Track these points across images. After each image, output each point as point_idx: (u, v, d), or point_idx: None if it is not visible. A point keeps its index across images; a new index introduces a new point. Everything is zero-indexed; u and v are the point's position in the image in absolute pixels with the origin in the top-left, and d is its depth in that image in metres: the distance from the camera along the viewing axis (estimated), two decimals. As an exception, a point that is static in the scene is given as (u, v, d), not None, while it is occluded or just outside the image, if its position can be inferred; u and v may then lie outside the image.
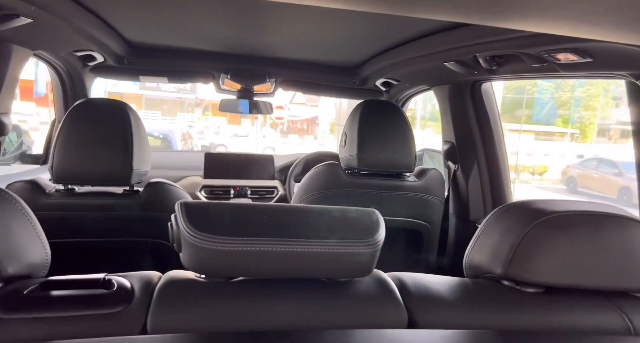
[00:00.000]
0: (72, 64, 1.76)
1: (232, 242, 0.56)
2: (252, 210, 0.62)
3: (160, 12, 1.33)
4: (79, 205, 1.21)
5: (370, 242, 0.61)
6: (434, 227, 1.62)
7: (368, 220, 0.64)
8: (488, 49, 1.13)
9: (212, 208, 0.61)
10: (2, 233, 0.56)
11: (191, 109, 22.44)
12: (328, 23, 1.35)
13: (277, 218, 0.61)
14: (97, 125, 1.18)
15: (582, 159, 13.19)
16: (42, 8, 1.05)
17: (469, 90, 1.58)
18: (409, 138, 1.51)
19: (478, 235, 0.74)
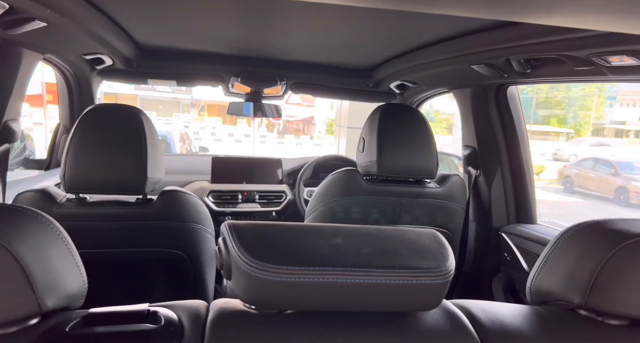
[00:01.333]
0: (80, 68, 1.71)
1: (295, 273, 0.50)
2: (307, 233, 0.56)
3: (170, 14, 1.28)
4: (92, 214, 1.16)
5: (442, 272, 0.55)
6: (454, 234, 1.57)
7: (434, 244, 0.58)
8: (525, 52, 1.08)
9: (265, 232, 0.55)
10: (41, 263, 0.49)
11: (187, 109, 22.32)
12: (343, 25, 1.31)
13: (337, 243, 0.55)
14: (111, 132, 1.13)
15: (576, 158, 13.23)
16: (57, 11, 1.01)
17: (494, 93, 1.53)
18: (430, 143, 1.47)
19: (546, 257, 0.67)
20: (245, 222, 0.57)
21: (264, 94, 2.13)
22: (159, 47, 1.75)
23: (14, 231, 0.49)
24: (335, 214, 1.50)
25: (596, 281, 0.59)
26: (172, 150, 5.96)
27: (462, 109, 1.68)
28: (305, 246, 0.54)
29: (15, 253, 0.46)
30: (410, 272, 0.53)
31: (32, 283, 0.47)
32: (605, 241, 0.60)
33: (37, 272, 0.48)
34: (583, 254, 0.62)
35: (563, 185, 11.84)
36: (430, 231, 0.62)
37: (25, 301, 0.48)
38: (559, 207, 10.05)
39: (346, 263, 0.52)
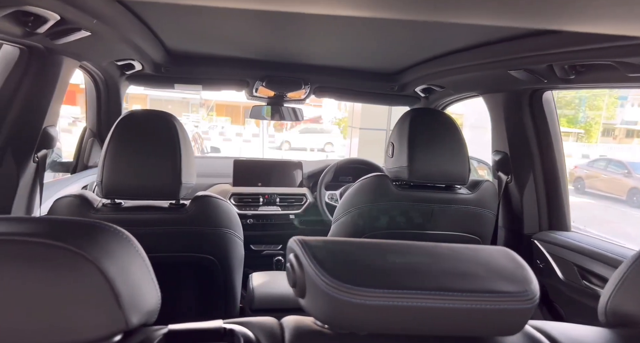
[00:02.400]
0: (111, 73, 1.72)
1: (377, 296, 0.48)
2: (381, 252, 0.55)
3: (199, 19, 1.29)
4: (127, 220, 1.17)
5: (529, 296, 0.52)
6: (485, 241, 1.55)
7: (512, 264, 0.56)
8: (572, 58, 1.05)
9: (338, 250, 0.54)
10: (126, 280, 0.49)
11: (195, 109, 22.41)
12: (369, 30, 1.30)
13: (414, 264, 0.53)
14: (146, 138, 1.14)
15: (587, 159, 13.10)
16: (102, 21, 1.02)
17: (528, 98, 1.51)
18: (462, 148, 1.44)
19: (624, 276, 0.64)
20: (315, 239, 0.55)
21: (286, 97, 2.13)
22: (187, 52, 1.76)
23: (103, 249, 0.48)
24: (364, 220, 1.48)
25: None
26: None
27: (493, 113, 1.66)
28: (381, 266, 0.52)
29: (105, 271, 0.46)
30: (494, 296, 0.50)
31: (120, 301, 0.47)
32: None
33: (123, 289, 0.48)
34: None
35: (574, 186, 11.74)
36: (503, 250, 0.59)
37: (114, 319, 0.47)
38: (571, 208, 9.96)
39: (427, 286, 0.50)
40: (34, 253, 0.45)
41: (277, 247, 2.43)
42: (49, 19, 0.91)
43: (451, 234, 1.50)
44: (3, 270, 0.44)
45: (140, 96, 20.95)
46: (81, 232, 0.50)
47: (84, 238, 0.48)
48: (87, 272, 0.45)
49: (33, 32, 0.94)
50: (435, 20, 0.53)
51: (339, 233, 1.56)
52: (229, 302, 1.36)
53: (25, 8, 0.85)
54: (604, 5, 0.40)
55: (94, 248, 0.47)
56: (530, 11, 0.45)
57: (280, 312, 1.41)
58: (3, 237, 0.44)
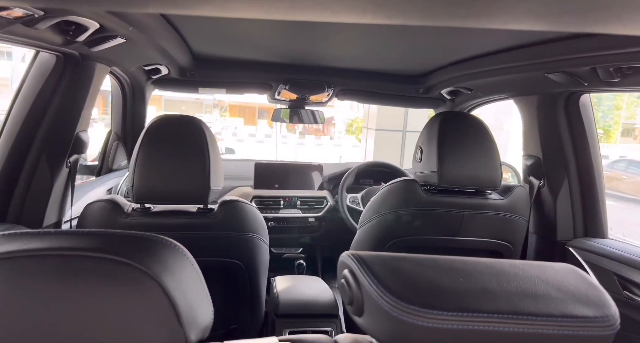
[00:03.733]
0: (138, 78, 1.74)
1: (448, 319, 0.45)
2: (443, 270, 0.51)
3: (225, 24, 1.29)
4: (156, 224, 1.18)
5: (611, 322, 0.47)
6: (516, 248, 1.50)
7: (584, 285, 0.52)
8: (619, 60, 1.01)
9: (395, 266, 0.51)
10: (184, 296, 0.48)
11: (209, 109, 22.58)
12: (394, 33, 1.27)
13: (482, 283, 0.50)
14: (176, 143, 1.14)
15: (607, 159, 12.85)
16: (137, 27, 1.01)
17: (564, 101, 1.46)
18: (493, 152, 1.40)
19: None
20: (368, 254, 0.52)
21: (308, 100, 2.11)
22: (212, 56, 1.76)
23: (162, 264, 0.47)
24: (391, 225, 1.45)
25: None
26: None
27: (525, 116, 1.61)
28: (447, 286, 0.49)
29: (166, 287, 0.45)
30: (572, 321, 0.46)
31: (180, 317, 0.46)
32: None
33: (183, 304, 0.47)
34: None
35: (594, 187, 11.51)
36: (568, 267, 0.56)
37: (174, 335, 0.46)
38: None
39: (501, 308, 0.46)
40: (99, 269, 0.44)
41: (297, 250, 2.41)
42: (89, 27, 0.93)
43: (482, 241, 1.46)
44: (68, 286, 0.44)
45: (154, 97, 21.18)
46: (142, 247, 0.49)
47: (144, 253, 0.47)
48: (149, 288, 0.45)
49: (73, 40, 0.96)
50: (469, 26, 0.50)
51: (366, 239, 1.53)
52: (254, 306, 1.35)
53: (69, 18, 0.86)
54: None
55: (154, 264, 0.46)
56: (569, 15, 0.42)
57: (305, 317, 1.40)
58: (68, 252, 0.44)
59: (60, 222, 1.31)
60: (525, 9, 0.40)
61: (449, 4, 0.39)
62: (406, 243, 1.46)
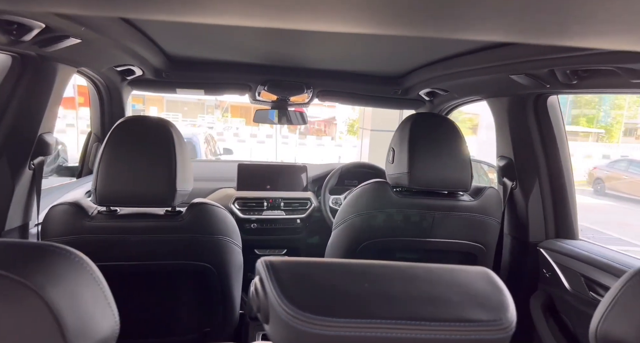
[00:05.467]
0: (112, 79, 1.73)
1: (340, 326, 0.45)
2: (351, 276, 0.52)
3: (198, 26, 1.28)
4: (122, 227, 1.17)
5: (504, 325, 0.47)
6: (489, 249, 1.51)
7: (489, 288, 0.52)
8: (574, 63, 1.01)
9: (304, 273, 0.51)
10: (74, 308, 0.46)
11: (211, 110, 22.63)
12: (371, 35, 1.27)
13: (385, 289, 0.50)
14: (141, 145, 1.13)
15: (608, 159, 12.79)
16: (91, 28, 1.01)
17: (532, 103, 1.46)
18: (464, 153, 1.41)
19: (614, 299, 0.60)
20: (284, 260, 0.53)
21: (289, 101, 2.12)
22: (188, 58, 1.75)
23: (49, 275, 0.46)
24: (363, 227, 1.46)
25: None
26: (198, 152, 6.03)
27: (497, 118, 1.61)
28: (349, 291, 0.49)
29: (49, 299, 0.44)
30: (466, 325, 0.46)
31: (64, 332, 0.44)
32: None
33: (70, 318, 0.45)
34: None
35: (593, 187, 11.47)
36: (482, 270, 0.56)
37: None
38: (591, 210, 9.73)
39: (396, 314, 0.46)
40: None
41: (281, 252, 2.41)
42: (34, 27, 0.91)
43: (454, 242, 1.47)
44: None
45: (156, 98, 21.25)
46: (26, 257, 0.47)
47: (28, 263, 0.46)
48: (29, 301, 0.43)
49: (19, 40, 0.93)
50: (438, 36, 0.51)
51: (339, 241, 1.54)
52: (227, 309, 1.35)
53: (7, 17, 0.84)
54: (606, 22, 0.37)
55: (37, 274, 0.44)
56: (531, 29, 0.43)
57: None
58: None
59: (26, 226, 1.30)
60: (495, 23, 0.41)
61: (429, 16, 0.40)
62: (379, 245, 1.47)
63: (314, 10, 0.39)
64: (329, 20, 0.43)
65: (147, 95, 20.19)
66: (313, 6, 0.37)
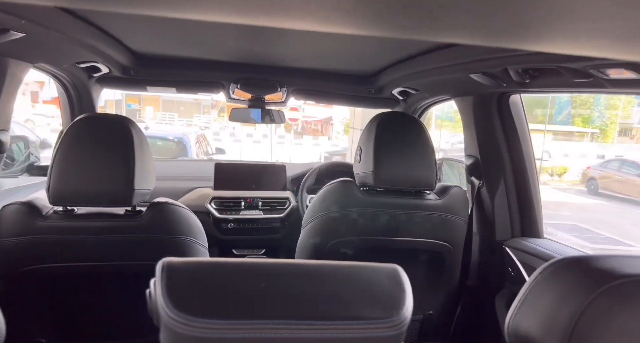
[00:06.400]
0: (77, 76, 1.69)
1: (218, 328, 0.44)
2: (248, 276, 0.50)
3: (165, 22, 1.26)
4: (79, 228, 1.14)
5: (394, 322, 0.47)
6: (456, 248, 1.51)
7: (392, 286, 0.52)
8: (521, 62, 1.02)
9: (200, 273, 0.50)
10: None
11: (207, 110, 22.60)
12: (343, 34, 1.26)
13: (282, 287, 0.49)
14: (98, 143, 1.11)
15: (602, 159, 12.84)
16: (33, 22, 0.98)
17: (496, 102, 1.47)
18: (429, 153, 1.41)
19: (525, 294, 0.60)
20: (183, 261, 0.52)
21: (265, 100, 2.11)
22: (156, 55, 1.73)
23: None
24: (330, 226, 1.46)
25: (576, 327, 0.51)
26: (189, 152, 6.02)
27: (463, 117, 1.62)
28: (243, 292, 0.48)
29: None
30: (356, 323, 0.46)
31: None
32: (588, 281, 0.53)
33: None
34: (563, 295, 0.55)
35: (587, 187, 11.51)
36: (392, 268, 0.56)
37: None
38: (584, 209, 9.77)
39: (286, 314, 0.46)
40: None
41: (260, 252, 2.41)
42: None
43: (421, 241, 1.47)
44: None
45: (152, 98, 21.21)
46: None
47: None
48: None
49: None
50: (408, 38, 0.52)
51: (308, 240, 1.54)
52: None
53: None
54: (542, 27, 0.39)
55: None
56: (495, 33, 0.44)
57: None
58: None
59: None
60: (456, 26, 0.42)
61: (404, 17, 0.40)
62: (346, 244, 1.47)
63: (287, 8, 0.39)
64: (302, 19, 0.43)
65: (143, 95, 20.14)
66: (286, 4, 0.37)
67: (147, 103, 22.02)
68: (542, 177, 13.22)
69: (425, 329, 1.62)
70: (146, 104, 22.01)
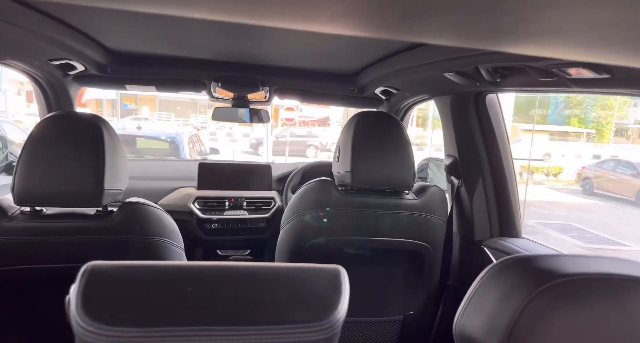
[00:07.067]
0: (51, 73, 1.66)
1: (131, 336, 0.42)
2: (173, 280, 0.48)
3: (141, 19, 1.23)
4: (46, 228, 1.11)
5: (323, 326, 0.45)
6: (435, 248, 1.50)
7: (327, 287, 0.50)
8: (491, 61, 1.01)
9: (122, 277, 0.47)
10: None
11: (204, 110, 22.53)
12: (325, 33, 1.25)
13: (209, 291, 0.46)
14: (65, 141, 1.08)
15: (598, 159, 12.88)
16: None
17: (473, 101, 1.46)
18: (407, 153, 1.40)
19: (470, 295, 0.59)
20: (111, 264, 0.49)
21: (248, 99, 2.09)
22: (134, 53, 1.70)
23: None
24: (308, 227, 1.45)
25: (515, 327, 0.50)
26: (181, 152, 5.99)
27: (442, 116, 1.61)
28: (166, 297, 0.45)
29: None
30: (281, 328, 0.44)
31: None
32: (529, 281, 0.52)
33: None
34: (505, 294, 0.54)
35: (582, 187, 11.54)
36: (334, 269, 0.54)
37: None
38: (579, 209, 9.79)
39: (207, 319, 0.43)
40: None
41: (244, 252, 2.40)
42: None
43: (400, 241, 1.46)
44: None
45: (150, 98, 21.14)
46: None
47: None
48: None
49: None
50: (393, 38, 0.52)
51: (286, 240, 1.52)
52: None
53: None
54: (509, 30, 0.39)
55: None
56: (474, 35, 0.44)
57: None
58: None
59: None
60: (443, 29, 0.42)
61: (385, 18, 0.40)
62: (324, 244, 1.46)
63: (263, 6, 0.38)
64: (283, 17, 0.42)
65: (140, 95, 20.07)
66: (260, 1, 0.36)
67: (143, 103, 21.94)
68: (538, 177, 13.26)
69: (406, 330, 1.61)
70: (142, 104, 21.93)
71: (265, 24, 0.46)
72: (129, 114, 19.80)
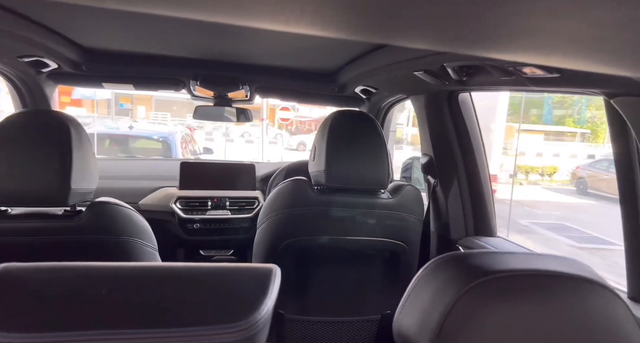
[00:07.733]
0: (23, 71, 1.63)
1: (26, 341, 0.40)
2: (91, 281, 0.47)
3: (114, 15, 1.21)
4: (13, 229, 1.09)
5: (240, 327, 0.44)
6: (411, 247, 1.50)
7: (252, 285, 0.50)
8: (454, 59, 1.01)
9: (40, 281, 0.46)
10: None
11: (199, 110, 22.39)
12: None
13: (125, 293, 0.45)
14: (31, 140, 1.07)
15: (593, 159, 12.92)
16: None
17: (446, 100, 1.46)
18: (382, 152, 1.40)
19: (408, 293, 0.58)
20: (22, 266, 0.48)
21: (230, 98, 2.08)
22: (109, 50, 1.68)
23: None
24: (283, 226, 1.44)
25: (445, 324, 0.50)
26: (173, 151, 5.97)
27: (418, 116, 1.61)
28: (76, 300, 0.44)
29: None
30: (194, 330, 0.43)
31: None
32: (460, 278, 0.52)
33: None
34: (438, 291, 0.54)
35: (576, 186, 11.57)
36: (266, 269, 0.54)
37: None
38: (572, 209, 9.82)
39: (116, 322, 0.42)
40: None
41: (227, 252, 2.39)
42: None
43: (375, 240, 1.46)
44: None
45: (145, 97, 21.07)
46: None
47: None
48: None
49: None
50: (378, 42, 0.53)
51: (262, 240, 1.52)
52: None
53: None
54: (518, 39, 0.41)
55: None
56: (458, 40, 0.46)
57: None
58: None
59: None
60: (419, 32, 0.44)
61: (368, 22, 0.42)
62: (299, 244, 1.45)
63: (239, 6, 0.38)
64: (254, 17, 0.42)
65: (136, 95, 19.99)
66: (236, 2, 0.36)
67: (139, 102, 21.87)
68: (533, 176, 13.30)
69: (384, 329, 1.61)
70: (138, 104, 21.87)
71: (234, 23, 0.45)
72: (125, 114, 19.73)
